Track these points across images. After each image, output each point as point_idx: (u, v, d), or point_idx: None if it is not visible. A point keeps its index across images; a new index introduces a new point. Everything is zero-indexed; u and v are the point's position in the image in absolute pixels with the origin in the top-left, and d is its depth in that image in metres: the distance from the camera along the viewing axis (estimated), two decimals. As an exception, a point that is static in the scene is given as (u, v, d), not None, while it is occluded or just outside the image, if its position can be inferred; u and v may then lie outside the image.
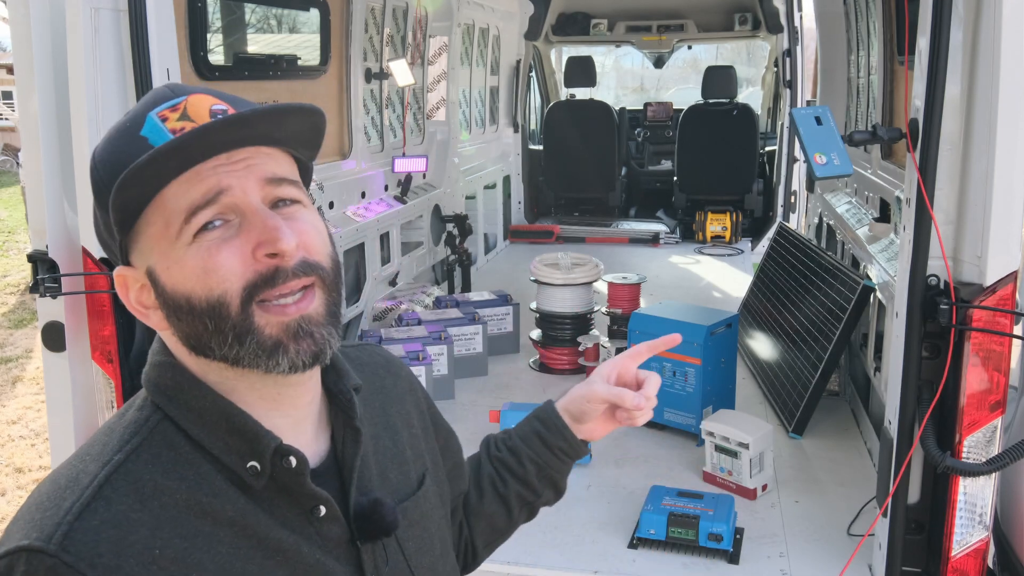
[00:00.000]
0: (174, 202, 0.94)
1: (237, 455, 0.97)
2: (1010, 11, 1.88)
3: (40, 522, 0.89)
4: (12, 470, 5.08)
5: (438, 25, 5.61)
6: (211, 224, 0.94)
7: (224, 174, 0.94)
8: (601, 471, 2.97)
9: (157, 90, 1.00)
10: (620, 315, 3.80)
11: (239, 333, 0.94)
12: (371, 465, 1.12)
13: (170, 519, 0.92)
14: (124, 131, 0.97)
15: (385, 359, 1.29)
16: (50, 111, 2.23)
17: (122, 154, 0.94)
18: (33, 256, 2.30)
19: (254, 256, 0.94)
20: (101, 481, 0.92)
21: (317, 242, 0.99)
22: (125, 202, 0.93)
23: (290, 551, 0.98)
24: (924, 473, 2.15)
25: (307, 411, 1.06)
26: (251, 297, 0.93)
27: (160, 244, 0.95)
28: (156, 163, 0.90)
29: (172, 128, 0.94)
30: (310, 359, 0.96)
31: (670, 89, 13.09)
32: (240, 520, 0.96)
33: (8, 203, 15.58)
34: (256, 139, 0.96)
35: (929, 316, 2.06)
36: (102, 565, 0.86)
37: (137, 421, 0.99)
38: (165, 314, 0.98)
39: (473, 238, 5.81)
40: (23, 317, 8.35)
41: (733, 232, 6.78)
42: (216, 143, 0.93)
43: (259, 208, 0.95)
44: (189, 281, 0.94)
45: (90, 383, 2.32)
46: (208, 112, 0.95)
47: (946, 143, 2.01)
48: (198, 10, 3.16)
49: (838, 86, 4.61)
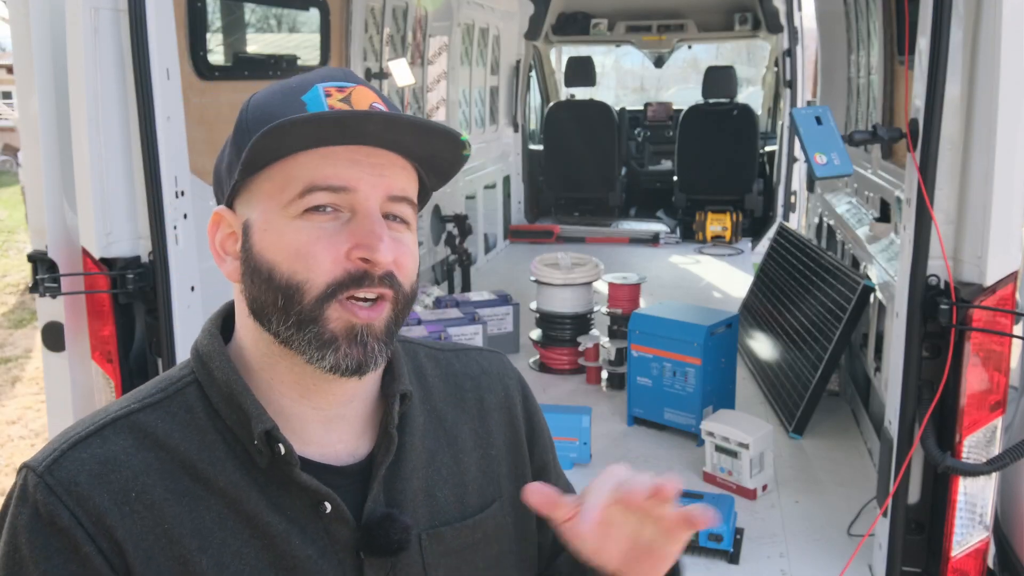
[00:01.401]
0: (300, 171, 0.94)
1: (245, 430, 0.98)
2: (1010, 11, 1.88)
3: (47, 446, 0.97)
4: (12, 470, 5.08)
5: (438, 25, 5.61)
6: (323, 208, 0.94)
7: (358, 172, 0.95)
8: (601, 471, 2.96)
9: (333, 69, 1.02)
10: (620, 315, 3.80)
11: (302, 320, 0.94)
12: (413, 479, 1.06)
13: (160, 471, 0.95)
14: (288, 89, 0.99)
15: (482, 370, 1.20)
16: (50, 111, 2.23)
17: (276, 107, 0.96)
18: (33, 256, 2.30)
19: (347, 256, 0.94)
20: (106, 421, 0.97)
21: (409, 266, 0.99)
22: (262, 149, 0.94)
23: (278, 538, 0.97)
24: (924, 473, 2.15)
25: (343, 411, 1.04)
26: (333, 295, 0.94)
27: (269, 204, 0.96)
28: (311, 125, 0.91)
29: (332, 105, 0.96)
30: (354, 366, 0.96)
31: (670, 89, 13.09)
32: (232, 493, 0.96)
33: (8, 203, 15.58)
34: (399, 147, 0.97)
35: (929, 316, 2.06)
36: (76, 493, 0.92)
37: (169, 378, 1.03)
38: (243, 270, 0.99)
39: (473, 238, 5.81)
40: (23, 317, 8.35)
41: (733, 232, 6.78)
42: (367, 133, 0.94)
43: (373, 214, 0.95)
44: (279, 253, 0.95)
45: (90, 383, 2.32)
46: (368, 106, 0.97)
47: (946, 143, 2.01)
48: (198, 10, 3.16)
49: (838, 86, 4.61)
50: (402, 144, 0.97)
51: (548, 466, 1.23)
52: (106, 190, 2.17)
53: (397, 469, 1.06)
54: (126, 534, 0.93)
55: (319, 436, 1.02)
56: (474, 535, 1.09)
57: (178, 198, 2.22)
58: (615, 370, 3.75)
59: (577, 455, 2.96)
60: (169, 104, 2.19)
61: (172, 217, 2.19)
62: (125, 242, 2.22)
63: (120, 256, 2.21)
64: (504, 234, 6.99)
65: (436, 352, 1.20)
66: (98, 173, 2.15)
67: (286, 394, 1.01)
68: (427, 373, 1.16)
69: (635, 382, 3.30)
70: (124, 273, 2.18)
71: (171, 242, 2.18)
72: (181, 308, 2.23)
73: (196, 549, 0.94)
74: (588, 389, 3.79)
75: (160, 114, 2.12)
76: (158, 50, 2.12)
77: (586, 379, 3.86)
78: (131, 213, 2.22)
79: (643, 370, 3.27)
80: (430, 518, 1.06)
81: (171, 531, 0.94)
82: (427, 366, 1.17)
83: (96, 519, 0.92)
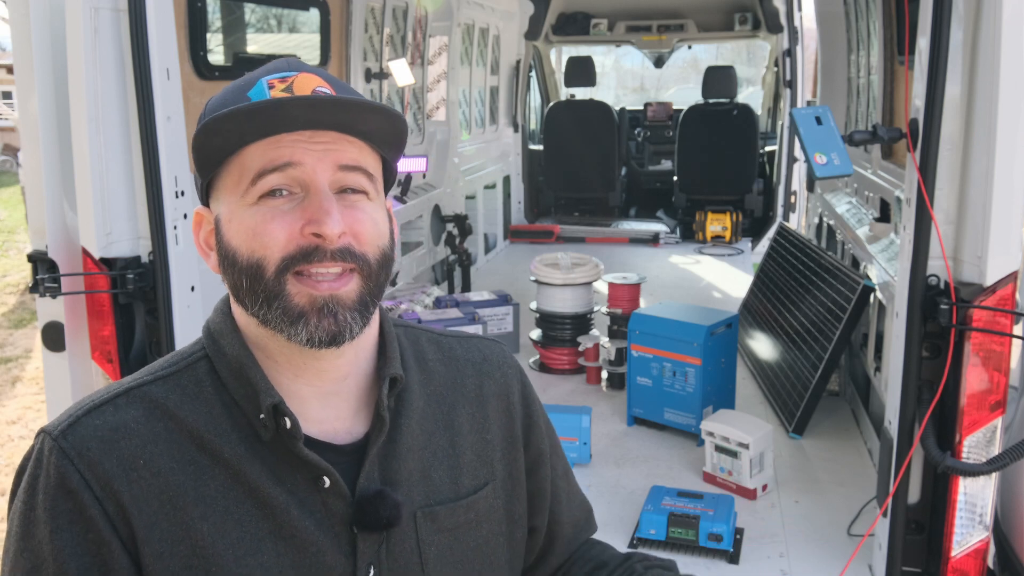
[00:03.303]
0: (249, 161, 1.00)
1: (252, 404, 1.02)
2: (1010, 11, 1.88)
3: (64, 412, 1.03)
4: (12, 470, 5.07)
5: (438, 25, 5.61)
6: (279, 192, 0.99)
7: (303, 150, 0.99)
8: (601, 471, 2.97)
9: (279, 61, 1.07)
10: (620, 315, 3.80)
11: (268, 296, 1.00)
12: (409, 459, 1.10)
13: (168, 440, 1.01)
14: (237, 88, 1.04)
15: (483, 357, 1.24)
16: (50, 111, 2.23)
17: (224, 106, 1.01)
18: (33, 256, 2.30)
19: (301, 232, 0.99)
20: (120, 392, 1.03)
21: (369, 233, 1.03)
22: (204, 149, 1.01)
23: (278, 509, 1.01)
24: (924, 473, 2.15)
25: (337, 389, 1.08)
26: (287, 268, 0.99)
27: (230, 196, 1.02)
28: (233, 119, 0.97)
29: (274, 96, 1.00)
30: (328, 337, 1.00)
31: (670, 89, 13.10)
32: (235, 465, 1.01)
33: (8, 203, 15.57)
34: (333, 125, 1.00)
35: (929, 316, 2.06)
36: (87, 458, 0.98)
37: (181, 353, 1.09)
38: (219, 261, 1.05)
39: (473, 238, 5.81)
40: (23, 317, 8.35)
41: (733, 232, 6.78)
42: (288, 118, 0.98)
43: (321, 189, 1.00)
44: (239, 237, 1.01)
45: (90, 383, 2.32)
46: (311, 91, 1.01)
47: (946, 143, 2.01)
48: (198, 10, 3.16)
49: (838, 86, 4.61)
50: (333, 123, 1.00)
51: (544, 455, 1.27)
52: (106, 190, 2.17)
53: (393, 449, 1.10)
54: (132, 499, 0.98)
55: (317, 413, 1.06)
56: (467, 515, 1.14)
57: (178, 198, 2.22)
58: (615, 370, 3.75)
59: (577, 455, 2.96)
60: (169, 104, 2.19)
61: (172, 217, 2.19)
62: (125, 242, 2.22)
63: (120, 256, 2.21)
64: (504, 234, 6.99)
65: (439, 338, 1.24)
66: (98, 173, 2.15)
67: (283, 373, 1.06)
68: (428, 358, 1.20)
69: (635, 382, 3.30)
70: (124, 273, 2.19)
71: (171, 242, 2.18)
72: (181, 308, 2.23)
73: (198, 516, 0.99)
74: (588, 389, 3.79)
75: (160, 114, 2.12)
76: (158, 50, 2.12)
77: (586, 379, 3.86)
78: (131, 213, 2.22)
79: (643, 370, 3.27)
80: (425, 497, 1.11)
81: (175, 498, 0.99)
82: (429, 351, 1.21)
83: (104, 483, 0.97)
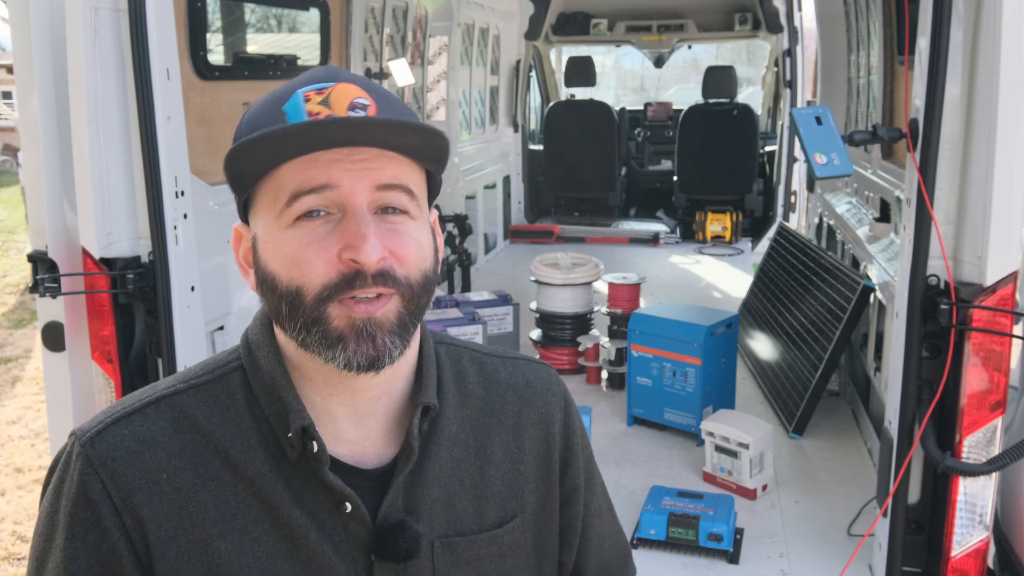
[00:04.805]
0: (284, 181, 0.96)
1: (282, 423, 1.00)
2: (1010, 11, 1.88)
3: (96, 416, 1.02)
4: (12, 470, 5.07)
5: (438, 25, 5.61)
6: (316, 213, 0.95)
7: (340, 170, 0.94)
8: (601, 471, 2.96)
9: (315, 70, 1.02)
10: (620, 315, 3.80)
11: (307, 323, 0.96)
12: (435, 486, 1.06)
13: (192, 454, 0.99)
14: (273, 100, 0.99)
15: (527, 382, 1.18)
16: (50, 111, 2.22)
17: (259, 122, 0.98)
18: (33, 256, 2.30)
19: (339, 257, 0.95)
20: (151, 400, 1.02)
21: (412, 256, 0.98)
22: (237, 170, 0.97)
23: (297, 531, 0.99)
24: (924, 473, 2.15)
25: (370, 409, 1.04)
26: (329, 297, 0.95)
27: (267, 216, 0.98)
28: (267, 143, 0.93)
29: (310, 110, 0.96)
30: (366, 362, 0.96)
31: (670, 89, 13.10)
32: (258, 482, 1.00)
33: (8, 203, 15.57)
34: (371, 143, 0.96)
35: (929, 316, 2.06)
36: (111, 468, 0.97)
37: (216, 361, 1.07)
38: (257, 282, 1.02)
39: (473, 238, 5.81)
40: (23, 317, 8.35)
41: (733, 232, 6.78)
42: (322, 139, 0.94)
43: (359, 211, 0.95)
44: (277, 263, 0.97)
45: (90, 383, 2.32)
46: (348, 104, 0.96)
47: (946, 143, 2.01)
48: (198, 10, 3.15)
49: (838, 86, 4.61)
50: (372, 141, 0.96)
51: (578, 491, 1.21)
52: (106, 190, 2.17)
53: (419, 475, 1.06)
54: (151, 514, 0.97)
55: (349, 433, 1.04)
56: (488, 548, 1.10)
57: (178, 198, 2.22)
58: (615, 370, 3.75)
59: (577, 455, 2.96)
60: (169, 104, 2.19)
61: (172, 217, 2.19)
62: (125, 242, 2.22)
63: (120, 256, 2.21)
64: (504, 234, 6.99)
65: (483, 357, 1.19)
66: (98, 173, 2.15)
67: (317, 391, 1.03)
68: (469, 379, 1.15)
69: (635, 382, 3.30)
70: (124, 273, 2.18)
71: (171, 242, 2.18)
72: (181, 308, 2.23)
73: (217, 535, 0.98)
74: (588, 389, 3.79)
75: (160, 114, 2.12)
76: (158, 50, 2.12)
77: (586, 379, 3.86)
78: (131, 213, 2.22)
79: (643, 370, 3.27)
80: (446, 527, 1.07)
81: (195, 515, 0.98)
82: (470, 371, 1.16)
83: (125, 495, 0.97)
